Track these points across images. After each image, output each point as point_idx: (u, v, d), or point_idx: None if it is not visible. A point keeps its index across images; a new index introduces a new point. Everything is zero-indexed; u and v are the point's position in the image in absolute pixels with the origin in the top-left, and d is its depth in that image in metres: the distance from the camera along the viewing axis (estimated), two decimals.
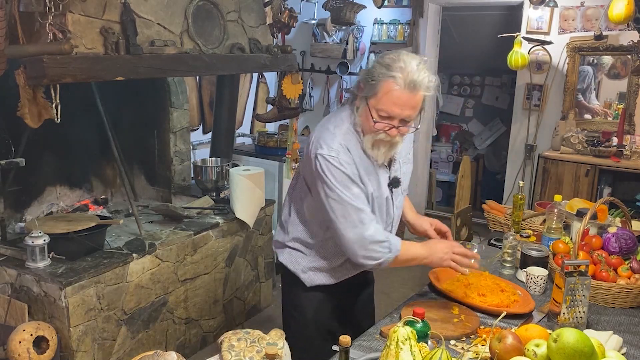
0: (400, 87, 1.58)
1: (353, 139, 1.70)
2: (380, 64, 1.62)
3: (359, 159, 1.70)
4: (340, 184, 1.65)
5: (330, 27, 5.07)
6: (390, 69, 1.58)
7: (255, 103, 5.01)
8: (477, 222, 3.96)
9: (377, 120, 1.63)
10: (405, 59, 1.60)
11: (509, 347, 1.38)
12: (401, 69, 1.57)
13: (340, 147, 1.66)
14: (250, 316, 3.48)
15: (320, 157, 1.66)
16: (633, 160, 3.87)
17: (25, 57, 2.11)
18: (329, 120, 1.76)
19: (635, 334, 1.69)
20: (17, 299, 2.42)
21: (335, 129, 1.70)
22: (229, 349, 1.43)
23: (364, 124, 1.68)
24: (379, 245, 1.68)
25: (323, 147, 1.67)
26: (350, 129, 1.71)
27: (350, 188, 1.66)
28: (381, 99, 1.60)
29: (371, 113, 1.63)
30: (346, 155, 1.66)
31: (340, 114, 1.77)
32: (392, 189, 1.81)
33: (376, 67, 1.62)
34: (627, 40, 4.07)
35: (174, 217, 3.07)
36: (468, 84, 6.47)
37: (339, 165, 1.65)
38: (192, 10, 2.82)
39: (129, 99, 3.28)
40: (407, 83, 1.57)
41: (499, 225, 2.72)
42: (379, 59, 1.64)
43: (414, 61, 1.60)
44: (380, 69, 1.60)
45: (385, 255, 1.69)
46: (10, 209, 2.73)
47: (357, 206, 1.66)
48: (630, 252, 2.05)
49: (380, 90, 1.60)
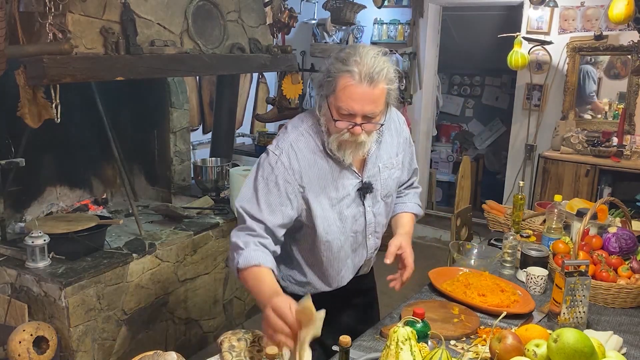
0: (357, 82, 1.49)
1: (308, 140, 1.63)
2: (336, 59, 1.53)
3: (311, 163, 1.62)
4: (262, 181, 1.59)
5: (330, 27, 5.08)
6: (346, 63, 1.50)
7: (255, 103, 5.02)
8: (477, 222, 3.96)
9: (338, 118, 1.54)
10: (361, 51, 1.51)
11: (509, 347, 1.38)
12: (356, 62, 1.49)
13: (289, 148, 1.60)
14: (250, 316, 3.48)
15: (266, 151, 1.64)
16: (633, 160, 3.87)
17: (25, 57, 2.11)
18: (292, 120, 1.71)
19: (635, 334, 1.69)
20: (17, 299, 2.42)
21: (292, 129, 1.66)
22: (230, 349, 1.43)
23: (327, 125, 1.60)
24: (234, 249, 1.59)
25: (273, 144, 1.65)
26: (307, 130, 1.64)
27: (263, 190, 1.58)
28: (339, 95, 1.52)
29: (331, 111, 1.55)
30: (287, 159, 1.60)
31: (304, 115, 1.71)
32: (365, 194, 1.71)
33: (333, 63, 1.53)
34: (627, 40, 4.07)
35: (174, 217, 3.07)
36: (468, 84, 6.47)
37: (273, 164, 1.59)
38: (192, 10, 2.82)
39: (129, 99, 3.28)
40: (363, 77, 1.48)
41: (499, 225, 2.72)
42: (336, 54, 1.55)
43: (371, 53, 1.51)
44: (336, 64, 1.52)
45: (233, 261, 1.59)
46: (10, 209, 2.73)
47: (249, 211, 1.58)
48: (630, 252, 2.05)
49: (338, 86, 1.51)
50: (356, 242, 1.77)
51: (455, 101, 6.53)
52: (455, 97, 6.54)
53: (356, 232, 1.75)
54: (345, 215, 1.70)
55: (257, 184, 1.60)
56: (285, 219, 1.61)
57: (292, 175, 1.60)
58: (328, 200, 1.66)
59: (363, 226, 1.75)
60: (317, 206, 1.64)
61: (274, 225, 1.59)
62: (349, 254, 1.77)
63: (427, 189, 5.50)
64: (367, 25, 5.07)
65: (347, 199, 1.69)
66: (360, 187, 1.70)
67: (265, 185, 1.59)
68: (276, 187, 1.58)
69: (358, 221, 1.74)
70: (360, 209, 1.73)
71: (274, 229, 1.59)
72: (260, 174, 1.61)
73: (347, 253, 1.77)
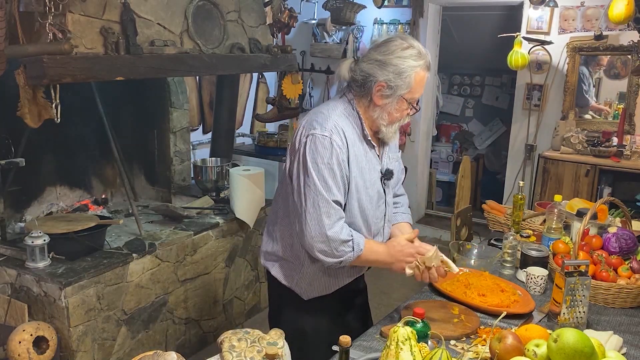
0: (426, 72, 1.65)
1: (348, 121, 1.68)
2: (402, 57, 1.61)
3: (353, 142, 1.67)
4: (325, 166, 1.60)
5: (330, 27, 5.07)
6: (416, 58, 1.62)
7: (255, 103, 5.02)
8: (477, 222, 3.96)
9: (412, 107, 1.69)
10: (413, 43, 1.64)
11: (509, 347, 1.38)
12: (420, 54, 1.63)
13: (334, 128, 1.63)
14: (250, 316, 3.47)
15: (312, 136, 1.61)
16: (633, 160, 3.87)
17: (25, 57, 2.11)
18: (320, 107, 1.73)
19: (635, 334, 1.69)
20: (17, 299, 2.42)
21: (329, 111, 1.68)
22: (230, 349, 1.43)
23: (394, 117, 1.69)
24: (343, 244, 1.63)
25: (316, 128, 1.62)
26: (344, 113, 1.69)
27: (329, 174, 1.61)
28: (416, 89, 1.65)
29: (411, 105, 1.67)
30: (338, 137, 1.62)
31: (330, 103, 1.74)
32: (385, 181, 1.79)
33: (404, 62, 1.61)
34: (627, 40, 4.07)
35: (174, 217, 3.07)
36: (468, 84, 6.47)
37: (329, 145, 1.60)
38: (192, 10, 2.82)
39: (129, 99, 3.28)
40: (427, 65, 1.65)
41: (499, 225, 2.72)
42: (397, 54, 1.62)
43: (416, 41, 1.65)
44: (408, 62, 1.61)
45: (347, 255, 1.65)
46: (10, 209, 2.73)
47: (328, 198, 1.61)
48: (630, 252, 2.06)
49: (414, 81, 1.63)
50: (377, 228, 1.81)
51: (455, 101, 6.53)
52: (455, 97, 6.54)
53: (378, 219, 1.80)
54: (373, 199, 1.75)
55: (321, 169, 1.61)
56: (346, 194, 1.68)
57: (345, 153, 1.65)
58: (363, 182, 1.71)
59: (384, 212, 1.82)
60: (354, 186, 1.69)
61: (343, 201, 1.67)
62: None
63: (427, 189, 5.50)
64: (367, 25, 5.07)
65: (377, 183, 1.76)
66: (383, 174, 1.78)
67: (330, 169, 1.61)
68: (338, 167, 1.63)
69: (380, 207, 1.80)
70: (382, 196, 1.79)
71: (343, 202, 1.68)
72: (320, 160, 1.61)
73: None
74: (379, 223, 1.80)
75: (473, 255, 2.25)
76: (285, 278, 1.80)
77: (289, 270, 1.79)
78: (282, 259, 1.80)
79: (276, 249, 1.80)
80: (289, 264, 1.79)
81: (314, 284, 1.79)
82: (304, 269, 1.77)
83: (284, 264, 1.80)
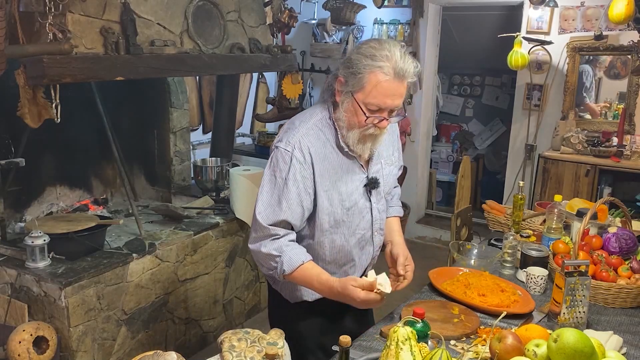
0: (390, 77, 1.50)
1: (318, 134, 1.62)
2: (362, 54, 1.52)
3: (323, 157, 1.61)
4: (281, 181, 1.58)
5: (330, 27, 5.07)
6: (375, 59, 1.49)
7: (255, 103, 5.02)
8: (477, 222, 3.96)
9: (368, 114, 1.55)
10: (387, 47, 1.52)
11: (509, 347, 1.38)
12: (387, 57, 1.49)
13: (297, 143, 1.58)
14: (250, 316, 3.48)
15: (276, 149, 1.61)
16: (633, 160, 3.87)
17: (25, 57, 2.11)
18: (297, 116, 1.69)
19: (635, 334, 1.69)
20: (17, 299, 2.42)
21: (300, 124, 1.63)
22: (230, 349, 1.43)
23: (350, 120, 1.59)
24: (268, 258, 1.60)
25: (282, 140, 1.61)
26: (316, 124, 1.63)
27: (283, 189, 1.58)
28: (370, 92, 1.51)
29: (361, 108, 1.54)
30: (300, 153, 1.58)
31: (311, 109, 1.69)
32: (371, 190, 1.72)
33: (359, 59, 1.51)
34: (627, 40, 4.07)
35: (174, 217, 3.07)
36: (468, 84, 6.47)
37: (288, 161, 1.57)
38: (192, 10, 2.82)
39: (129, 99, 3.28)
40: (396, 72, 1.50)
41: (499, 225, 2.72)
42: (359, 50, 1.54)
43: (397, 48, 1.52)
44: (364, 60, 1.50)
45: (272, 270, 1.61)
46: (10, 209, 2.73)
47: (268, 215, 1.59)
48: (630, 252, 2.05)
49: (368, 83, 1.51)
50: (364, 239, 1.77)
51: (455, 101, 6.53)
52: (455, 97, 6.53)
53: (364, 229, 1.75)
54: (353, 211, 1.70)
55: (275, 184, 1.59)
56: (306, 211, 1.63)
57: (307, 170, 1.59)
58: (338, 195, 1.65)
59: (370, 222, 1.76)
60: (325, 201, 1.63)
61: (295, 219, 1.61)
62: (356, 252, 1.76)
63: (427, 189, 5.50)
64: (367, 25, 5.07)
65: (356, 193, 1.69)
66: (367, 183, 1.71)
67: (284, 184, 1.58)
68: (295, 185, 1.58)
69: (365, 217, 1.73)
70: (367, 205, 1.73)
71: (296, 222, 1.63)
72: (278, 174, 1.59)
73: (354, 251, 1.76)
74: (366, 233, 1.76)
75: (473, 255, 2.25)
76: (273, 282, 1.81)
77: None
78: None
79: None
80: None
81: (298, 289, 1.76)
82: None
83: None
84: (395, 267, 1.75)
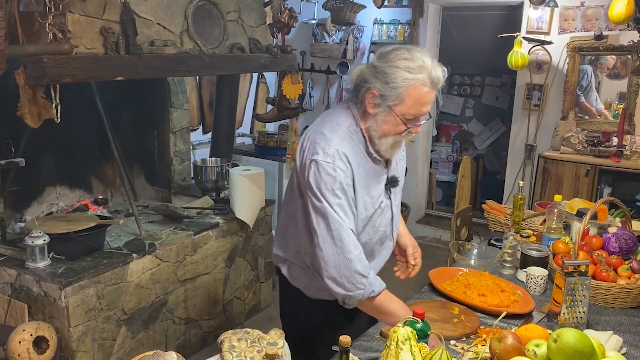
0: (428, 88, 1.55)
1: (351, 142, 1.64)
2: (397, 67, 1.54)
3: (358, 164, 1.63)
4: (330, 193, 1.56)
5: (330, 27, 5.07)
6: (413, 71, 1.53)
7: (255, 103, 5.01)
8: (477, 222, 3.96)
9: (409, 125, 1.60)
10: (418, 55, 1.55)
11: (509, 347, 1.38)
12: (423, 68, 1.54)
13: (336, 152, 1.58)
14: (250, 316, 3.47)
15: (315, 163, 1.58)
16: (633, 160, 3.87)
17: (25, 57, 2.11)
18: (323, 125, 1.68)
19: (635, 334, 1.69)
20: (17, 299, 2.42)
21: (331, 133, 1.63)
22: (230, 349, 1.43)
23: (384, 129, 1.61)
24: (359, 276, 1.58)
25: (319, 153, 1.59)
26: (346, 133, 1.64)
27: (338, 197, 1.57)
28: (409, 103, 1.56)
29: (401, 119, 1.58)
30: (342, 162, 1.58)
31: (334, 118, 1.69)
32: (391, 188, 1.77)
33: (396, 72, 1.54)
34: (627, 40, 4.07)
35: (174, 217, 3.07)
36: (468, 84, 6.47)
37: (332, 172, 1.56)
38: (192, 10, 2.82)
39: (129, 99, 3.28)
40: (432, 82, 1.55)
41: (499, 225, 2.72)
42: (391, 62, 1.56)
43: (426, 55, 1.57)
44: (401, 74, 1.53)
45: (356, 291, 1.58)
46: (10, 209, 2.73)
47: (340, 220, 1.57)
48: (630, 252, 2.06)
49: (408, 96, 1.55)
50: (385, 235, 1.82)
51: (455, 101, 6.53)
52: (455, 97, 6.53)
53: (385, 226, 1.80)
54: (379, 211, 1.74)
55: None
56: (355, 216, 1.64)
57: (350, 177, 1.61)
58: (370, 199, 1.69)
59: (390, 219, 1.81)
60: (361, 205, 1.66)
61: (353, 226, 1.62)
62: (377, 248, 1.81)
63: (427, 189, 5.50)
64: (367, 25, 5.07)
65: (381, 195, 1.74)
66: (388, 182, 1.76)
67: (334, 195, 1.57)
68: (343, 193, 1.58)
69: (386, 215, 1.79)
70: (388, 203, 1.78)
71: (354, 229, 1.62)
72: (323, 187, 1.57)
73: (376, 247, 1.80)
74: (386, 230, 1.81)
75: (473, 255, 2.25)
76: (293, 279, 1.82)
77: (297, 273, 1.81)
78: (291, 262, 1.81)
79: (285, 252, 1.82)
80: (298, 268, 1.80)
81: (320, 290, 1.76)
82: (309, 274, 1.77)
83: (292, 266, 1.81)
84: (403, 256, 1.90)
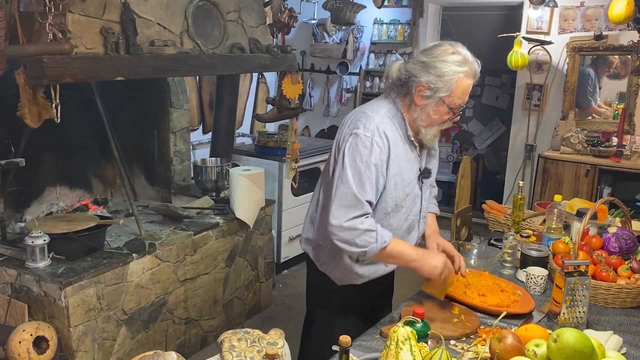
0: (472, 79, 1.70)
1: (391, 123, 1.74)
2: (446, 61, 1.67)
3: (395, 144, 1.73)
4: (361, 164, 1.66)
5: (330, 27, 5.07)
6: (460, 64, 1.66)
7: (255, 103, 5.01)
8: (477, 222, 3.96)
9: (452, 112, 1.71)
10: (459, 49, 1.70)
11: (509, 347, 1.38)
12: (466, 61, 1.68)
13: (376, 129, 1.69)
14: (250, 316, 3.48)
15: (354, 135, 1.69)
16: (633, 160, 3.87)
17: (25, 57, 2.11)
18: (366, 107, 1.80)
19: (635, 334, 1.69)
20: (17, 299, 2.42)
21: (373, 113, 1.74)
22: (230, 349, 1.43)
23: (433, 119, 1.73)
24: (366, 234, 1.66)
25: (359, 127, 1.70)
26: (387, 115, 1.74)
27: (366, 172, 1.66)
28: (459, 94, 1.69)
29: (449, 108, 1.70)
30: (380, 139, 1.69)
31: (376, 103, 1.80)
32: (423, 179, 1.85)
33: (446, 66, 1.66)
34: (627, 40, 4.07)
35: (174, 217, 3.07)
36: None
37: (369, 145, 1.67)
38: (192, 10, 2.82)
39: (129, 99, 3.28)
40: (473, 73, 1.69)
41: (499, 225, 2.72)
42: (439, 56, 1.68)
43: (464, 48, 1.71)
44: (451, 67, 1.66)
45: (370, 245, 1.66)
46: (10, 209, 2.73)
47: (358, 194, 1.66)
48: (630, 252, 2.06)
49: (457, 87, 1.67)
50: (412, 225, 1.88)
51: None
52: None
53: (414, 215, 1.86)
54: (410, 198, 1.81)
55: (356, 168, 1.67)
56: (378, 193, 1.73)
57: (385, 154, 1.70)
58: (401, 181, 1.76)
59: (419, 209, 1.88)
60: (392, 184, 1.74)
61: (374, 199, 1.72)
62: (405, 236, 1.86)
63: None
64: (367, 25, 5.07)
65: (413, 182, 1.81)
66: (421, 172, 1.84)
67: (367, 168, 1.67)
68: (375, 167, 1.68)
69: (416, 205, 1.86)
70: (419, 193, 1.85)
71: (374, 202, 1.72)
72: (358, 158, 1.67)
73: (404, 235, 1.86)
74: (415, 219, 1.87)
75: (473, 255, 2.25)
76: (321, 265, 1.89)
77: (325, 257, 1.87)
78: (320, 245, 1.88)
79: (315, 236, 1.90)
80: (326, 251, 1.86)
81: (347, 274, 1.85)
82: (338, 258, 1.83)
83: (320, 250, 1.88)
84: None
